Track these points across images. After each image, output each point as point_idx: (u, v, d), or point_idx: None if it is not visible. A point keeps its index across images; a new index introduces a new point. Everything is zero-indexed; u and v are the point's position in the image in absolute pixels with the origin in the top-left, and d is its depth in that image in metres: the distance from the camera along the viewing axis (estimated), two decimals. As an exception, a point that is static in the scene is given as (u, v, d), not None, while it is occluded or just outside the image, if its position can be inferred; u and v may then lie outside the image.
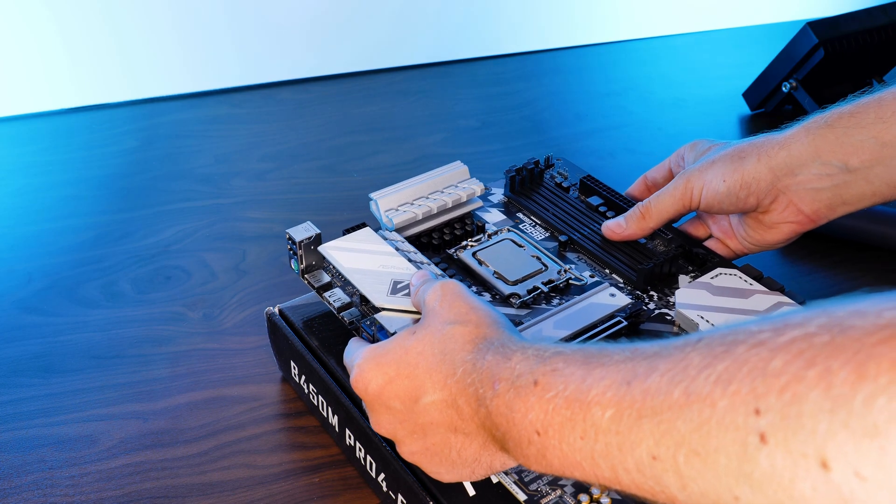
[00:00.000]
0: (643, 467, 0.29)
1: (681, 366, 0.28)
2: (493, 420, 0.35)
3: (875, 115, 0.49)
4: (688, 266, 0.55)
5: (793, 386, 0.24)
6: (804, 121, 0.52)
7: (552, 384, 0.33)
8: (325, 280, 0.52)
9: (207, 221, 0.73)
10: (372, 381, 0.40)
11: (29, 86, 0.87)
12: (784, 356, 0.25)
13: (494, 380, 0.35)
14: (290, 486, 0.50)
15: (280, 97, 0.92)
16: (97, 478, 0.50)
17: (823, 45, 0.81)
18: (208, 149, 0.83)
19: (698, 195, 0.53)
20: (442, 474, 0.40)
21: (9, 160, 0.80)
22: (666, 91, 0.96)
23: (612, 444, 0.30)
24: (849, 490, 0.23)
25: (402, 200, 0.54)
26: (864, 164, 0.50)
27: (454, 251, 0.55)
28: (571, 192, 0.61)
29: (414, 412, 0.39)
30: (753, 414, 0.25)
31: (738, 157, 0.52)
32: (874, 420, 0.22)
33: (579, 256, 0.55)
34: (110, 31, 0.88)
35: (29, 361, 0.58)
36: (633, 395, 0.29)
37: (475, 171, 0.58)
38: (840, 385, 0.23)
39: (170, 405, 0.55)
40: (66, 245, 0.69)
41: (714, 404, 0.26)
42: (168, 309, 0.63)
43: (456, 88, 0.96)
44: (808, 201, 0.52)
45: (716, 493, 0.27)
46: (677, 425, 0.27)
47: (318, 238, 0.51)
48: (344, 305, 0.50)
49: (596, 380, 0.31)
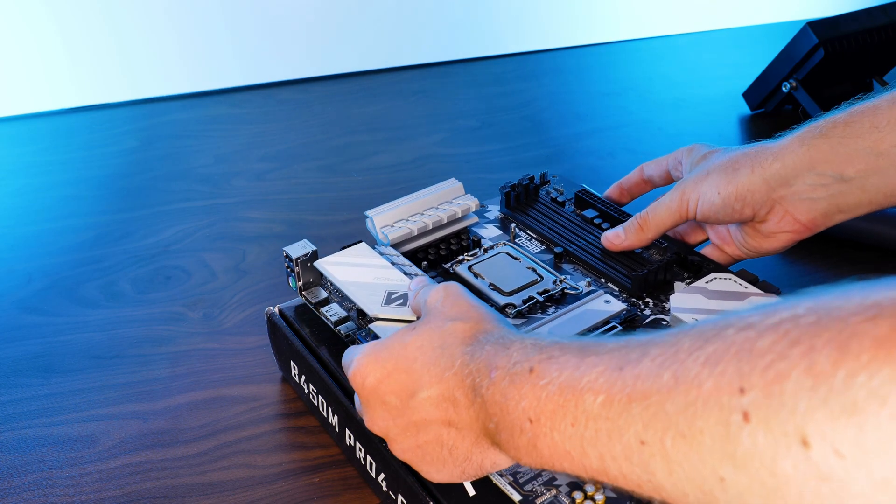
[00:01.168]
0: (631, 453, 0.29)
1: (671, 350, 0.28)
2: (488, 410, 0.36)
3: (870, 124, 0.49)
4: (683, 273, 0.55)
5: (776, 364, 0.24)
6: (798, 130, 0.52)
7: (547, 371, 0.33)
8: (323, 296, 0.52)
9: (207, 221, 0.73)
10: (370, 374, 0.40)
11: (29, 86, 0.87)
12: (771, 336, 0.25)
13: (491, 368, 0.36)
14: (290, 486, 0.50)
15: (280, 97, 0.92)
16: (97, 478, 0.50)
17: (823, 45, 0.81)
18: (208, 149, 0.83)
19: (694, 207, 0.53)
20: (432, 473, 0.40)
21: (9, 160, 0.80)
22: (666, 91, 0.96)
23: (601, 430, 0.30)
24: (828, 468, 0.23)
25: (398, 217, 0.55)
26: (860, 173, 0.49)
27: (450, 265, 0.55)
28: (567, 206, 0.62)
29: (409, 408, 0.39)
30: (738, 393, 0.25)
31: (731, 169, 0.52)
32: (854, 397, 0.22)
33: (575, 267, 0.56)
34: (110, 31, 0.88)
35: (29, 361, 0.58)
36: (624, 380, 0.30)
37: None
38: (822, 363, 0.23)
39: (170, 405, 0.55)
40: (66, 245, 0.69)
41: (701, 385, 0.26)
42: (168, 309, 0.63)
43: (456, 88, 0.96)
44: (803, 211, 0.52)
45: (701, 476, 0.27)
46: (665, 408, 0.27)
47: (314, 255, 0.52)
48: (340, 319, 0.51)
49: (589, 367, 0.32)
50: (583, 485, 0.41)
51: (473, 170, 0.80)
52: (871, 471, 0.22)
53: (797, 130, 0.52)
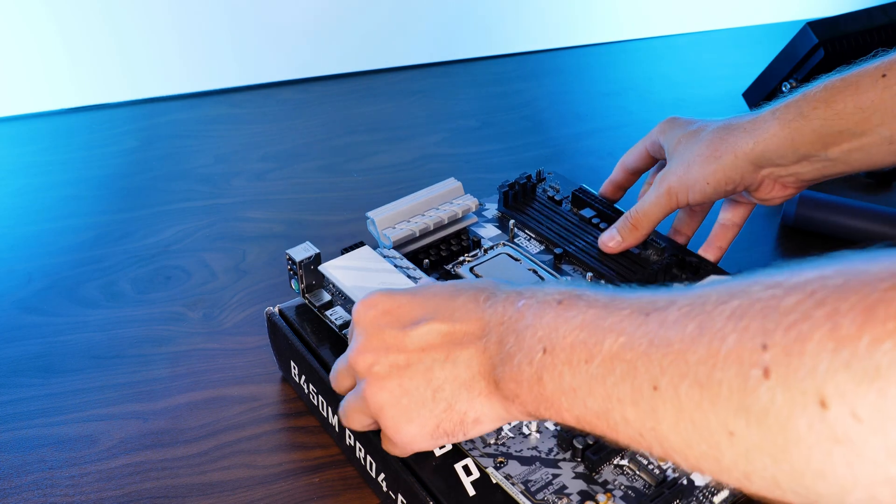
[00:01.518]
0: (640, 398, 0.29)
1: (698, 302, 0.28)
2: (501, 338, 0.35)
3: (854, 105, 0.49)
4: (681, 274, 0.55)
5: (800, 324, 0.24)
6: (774, 106, 0.52)
7: (575, 305, 0.33)
8: (326, 299, 0.52)
9: (207, 221, 0.73)
10: (379, 304, 0.39)
11: (29, 86, 0.87)
12: (796, 295, 0.25)
13: (519, 298, 0.36)
14: (290, 486, 0.50)
15: (280, 97, 0.92)
16: (97, 478, 0.50)
17: (823, 45, 0.81)
18: (208, 149, 0.83)
19: (685, 199, 0.54)
20: (401, 426, 0.38)
21: (9, 160, 0.80)
22: (666, 91, 0.96)
23: (615, 370, 0.30)
24: (843, 430, 0.23)
25: (399, 218, 0.55)
26: (843, 153, 0.50)
27: (451, 266, 0.55)
28: (564, 204, 0.62)
29: (408, 337, 0.38)
30: (760, 349, 0.25)
31: (713, 157, 0.53)
32: (877, 363, 0.22)
33: (575, 268, 0.56)
34: (110, 31, 0.88)
35: (29, 361, 0.58)
36: (648, 325, 0.30)
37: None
38: (847, 326, 0.23)
39: (170, 405, 0.55)
40: (66, 245, 0.69)
41: (724, 338, 0.26)
42: (168, 309, 0.63)
43: (456, 88, 0.96)
44: (791, 181, 0.54)
45: (710, 428, 0.27)
46: (686, 356, 0.28)
47: (317, 258, 0.52)
48: (345, 323, 0.51)
49: (617, 308, 0.32)
50: (594, 494, 0.41)
51: (473, 170, 0.80)
52: (887, 437, 0.22)
53: (773, 106, 0.52)
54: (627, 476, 0.42)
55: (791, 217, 0.72)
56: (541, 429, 0.45)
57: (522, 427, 0.45)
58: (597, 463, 0.42)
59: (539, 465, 0.43)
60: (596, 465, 0.42)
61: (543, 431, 0.45)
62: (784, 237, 0.73)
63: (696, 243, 0.62)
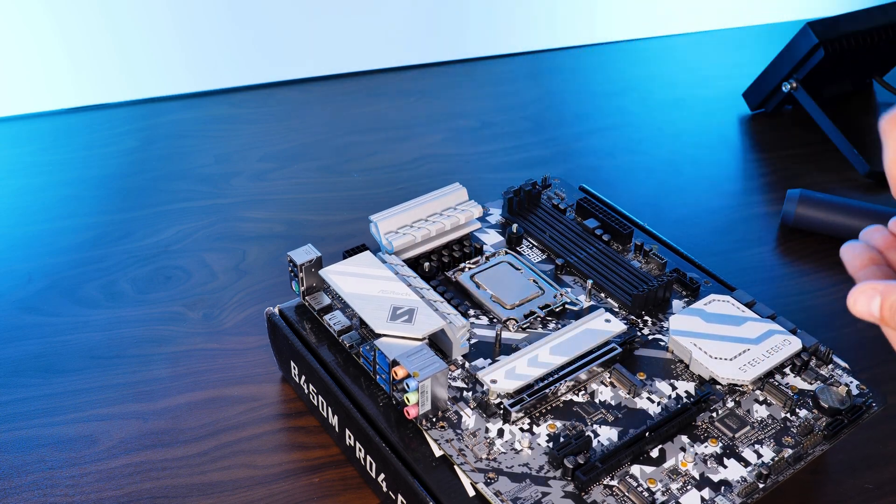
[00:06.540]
0: None
1: None
2: None
3: None
4: (682, 291, 0.55)
5: None
6: None
7: None
8: (326, 302, 0.52)
9: (207, 221, 0.73)
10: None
11: (29, 86, 0.87)
12: None
13: None
14: (290, 486, 0.50)
15: (280, 97, 0.92)
16: (97, 478, 0.50)
17: (823, 45, 0.81)
18: (208, 149, 0.83)
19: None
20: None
21: (9, 160, 0.80)
22: (666, 91, 0.96)
23: None
24: None
25: (402, 223, 0.55)
26: None
27: (452, 273, 0.55)
28: (568, 213, 0.62)
29: None
30: None
31: None
32: None
33: (575, 279, 0.56)
34: (110, 31, 0.88)
35: (29, 361, 0.58)
36: None
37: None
38: None
39: (170, 405, 0.55)
40: (66, 245, 0.69)
41: None
42: (168, 309, 0.63)
43: (456, 88, 0.96)
44: None
45: None
46: None
47: (318, 261, 0.52)
48: (344, 329, 0.51)
49: None
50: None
51: (474, 170, 0.80)
52: None
53: None
54: (617, 497, 0.42)
55: (791, 217, 0.72)
56: (533, 445, 0.45)
57: (514, 442, 0.45)
58: (586, 483, 0.42)
59: (529, 482, 0.42)
60: (585, 486, 0.42)
61: (535, 448, 0.44)
62: (784, 237, 0.73)
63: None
